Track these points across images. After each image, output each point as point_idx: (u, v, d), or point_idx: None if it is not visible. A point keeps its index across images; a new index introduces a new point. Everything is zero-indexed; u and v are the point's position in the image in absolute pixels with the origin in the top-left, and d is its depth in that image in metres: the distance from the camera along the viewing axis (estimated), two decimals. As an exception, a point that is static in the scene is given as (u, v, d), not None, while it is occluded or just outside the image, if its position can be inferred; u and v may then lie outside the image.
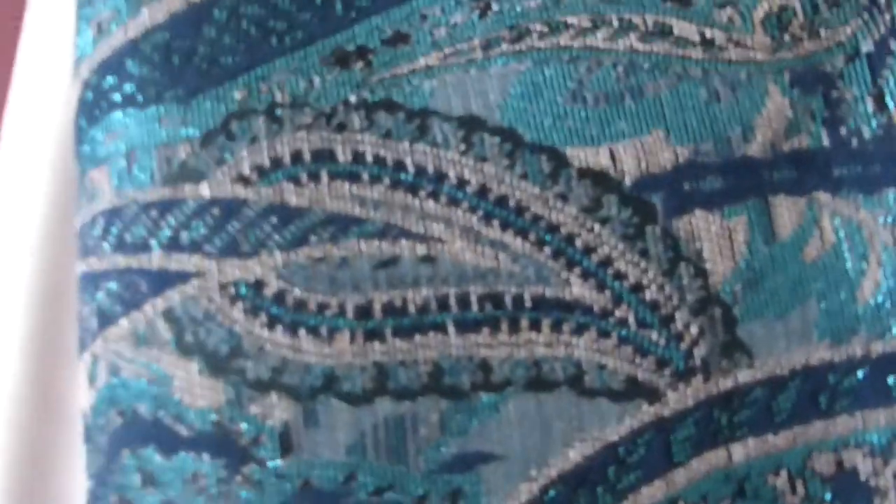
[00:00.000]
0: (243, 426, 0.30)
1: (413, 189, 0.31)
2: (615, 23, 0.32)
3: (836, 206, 0.32)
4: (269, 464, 0.30)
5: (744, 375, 0.30)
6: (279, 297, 0.30)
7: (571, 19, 0.32)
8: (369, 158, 0.31)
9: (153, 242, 0.31)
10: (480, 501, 0.30)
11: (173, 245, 0.31)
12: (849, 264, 0.31)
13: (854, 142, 0.32)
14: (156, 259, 0.31)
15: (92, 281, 0.32)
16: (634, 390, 0.30)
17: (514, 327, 0.30)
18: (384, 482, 0.30)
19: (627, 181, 0.31)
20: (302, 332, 0.30)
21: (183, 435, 0.30)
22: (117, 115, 0.32)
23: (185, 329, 0.30)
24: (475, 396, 0.30)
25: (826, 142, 0.32)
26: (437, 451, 0.30)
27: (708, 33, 0.32)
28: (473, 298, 0.31)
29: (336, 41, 0.32)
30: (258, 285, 0.30)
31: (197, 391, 0.30)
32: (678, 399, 0.30)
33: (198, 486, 0.30)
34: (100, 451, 0.32)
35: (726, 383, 0.30)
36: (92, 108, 0.33)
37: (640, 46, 0.32)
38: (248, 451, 0.30)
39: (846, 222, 0.32)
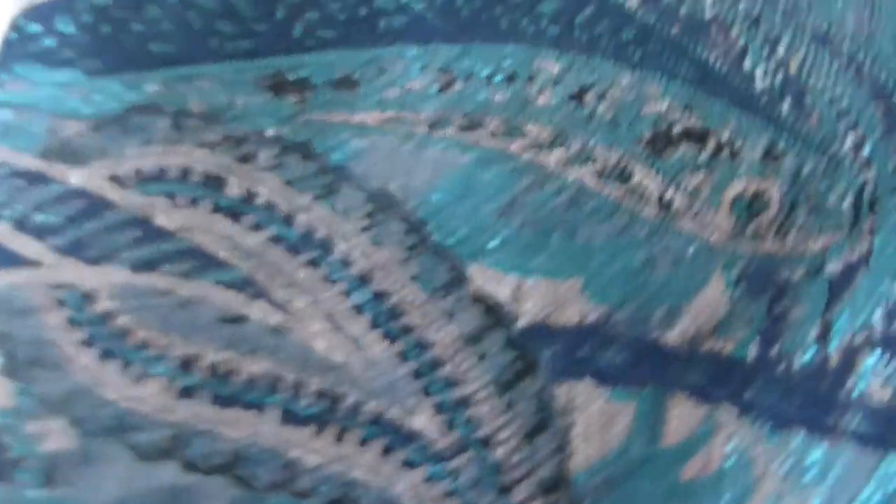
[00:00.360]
0: (14, 442, 0.26)
1: (293, 250, 0.28)
2: (575, 147, 0.29)
3: (736, 429, 0.28)
4: (27, 491, 0.26)
5: None
6: (104, 318, 0.27)
7: (531, 127, 0.29)
8: (260, 201, 0.28)
9: (6, 213, 0.28)
10: None
11: (23, 224, 0.28)
12: (723, 499, 0.28)
13: (782, 366, 0.28)
14: (1, 231, 0.28)
15: None
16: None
17: (341, 438, 0.27)
18: None
19: (521, 322, 0.28)
20: (115, 363, 0.27)
21: None
22: (28, 65, 0.29)
23: (1, 316, 0.27)
24: (270, 497, 0.27)
25: (752, 355, 0.28)
26: None
27: (669, 193, 0.29)
28: (309, 391, 0.27)
29: (279, 64, 0.29)
30: (88, 298, 0.27)
31: None
32: None
33: None
34: None
35: None
36: (9, 49, 0.30)
37: (591, 182, 0.29)
38: (10, 470, 0.26)
39: (740, 451, 0.28)
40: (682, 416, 0.29)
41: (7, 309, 0.28)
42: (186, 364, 0.28)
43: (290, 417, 0.27)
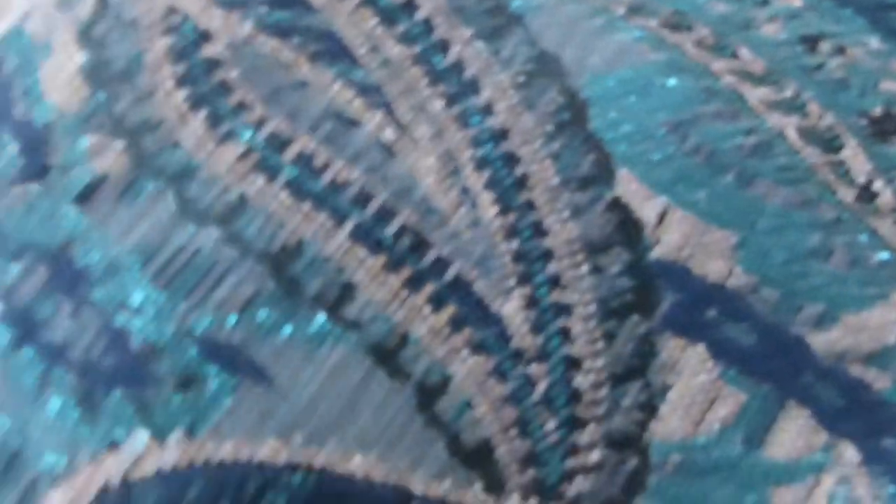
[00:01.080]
0: (66, 147, 0.24)
1: (435, 77, 0.25)
2: (787, 92, 0.25)
3: (853, 476, 0.23)
4: (58, 200, 0.23)
5: None
6: (211, 64, 0.24)
7: (745, 52, 0.25)
8: (420, 15, 0.25)
9: None
10: (210, 413, 0.22)
11: None
12: None
13: None
14: None
15: None
16: (480, 460, 0.22)
17: (414, 285, 0.23)
18: (133, 300, 0.23)
19: (656, 253, 0.23)
20: (204, 112, 0.24)
21: (16, 113, 0.25)
22: None
23: (104, 19, 0.24)
24: (309, 309, 0.23)
25: None
26: (215, 321, 0.23)
27: (877, 184, 0.24)
28: (397, 222, 0.23)
29: None
30: (202, 37, 0.25)
31: (60, 82, 0.25)
32: None
33: None
34: None
35: None
36: None
37: (791, 136, 0.25)
38: (48, 172, 0.23)
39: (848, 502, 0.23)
40: (796, 432, 0.24)
41: (113, 15, 0.25)
42: (277, 141, 0.24)
43: (365, 238, 0.23)
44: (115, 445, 0.22)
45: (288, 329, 0.23)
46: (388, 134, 0.24)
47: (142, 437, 0.22)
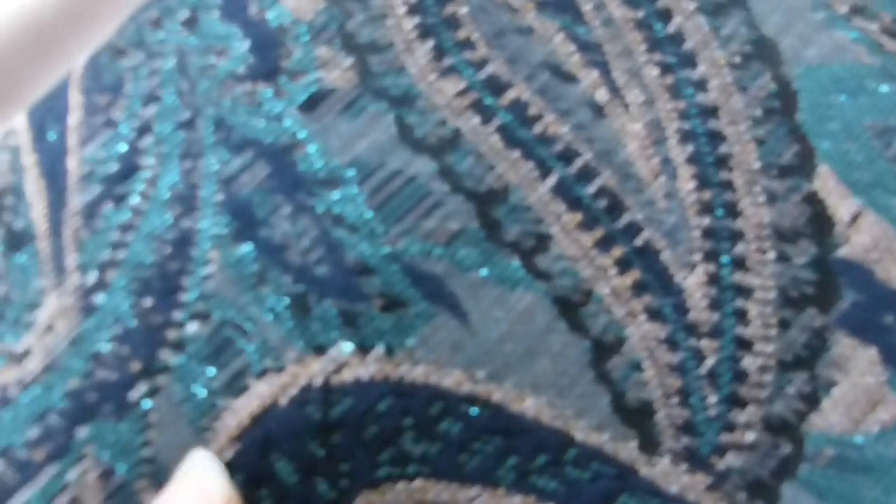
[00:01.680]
0: (297, 53, 0.24)
1: (654, 44, 0.25)
2: None
3: None
4: (285, 103, 0.24)
5: None
6: (466, 43, 0.24)
7: None
8: None
9: None
10: (408, 336, 0.23)
11: None
12: None
13: None
14: None
15: None
16: (640, 420, 0.23)
17: (604, 245, 0.24)
18: (349, 216, 0.24)
19: (843, 252, 0.24)
20: (430, 43, 0.25)
21: (250, 12, 0.25)
22: None
23: None
24: (506, 253, 0.23)
25: None
26: (423, 250, 0.24)
27: None
28: (597, 181, 0.24)
29: None
30: None
31: None
32: (663, 473, 0.23)
33: (210, 61, 0.25)
34: None
35: None
36: None
37: None
38: (278, 75, 0.24)
39: None
40: None
41: None
42: (494, 84, 0.25)
43: (566, 193, 0.24)
44: (320, 350, 0.24)
45: (485, 269, 0.24)
46: (601, 94, 0.25)
47: (346, 347, 0.24)
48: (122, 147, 0.25)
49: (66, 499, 0.23)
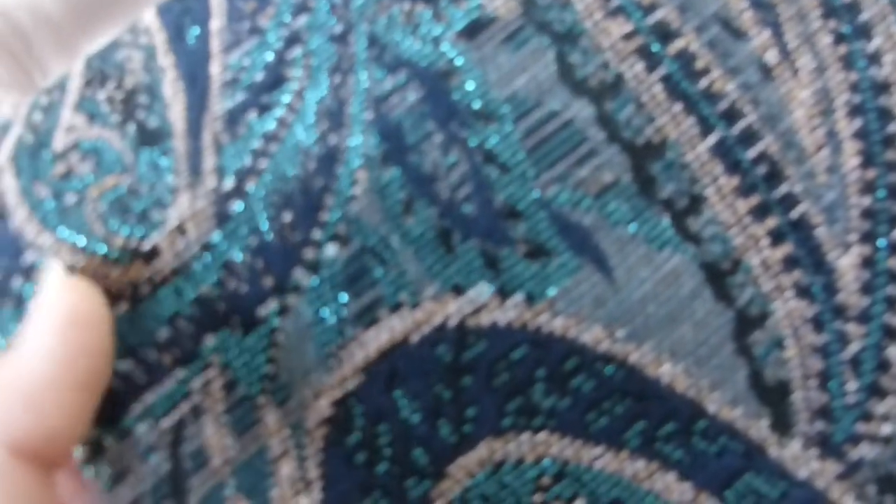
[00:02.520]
0: None
1: (830, 11, 0.24)
2: None
3: None
4: (445, 27, 0.23)
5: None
6: None
7: None
8: None
9: None
10: (550, 285, 0.22)
11: None
12: None
13: None
14: None
15: None
16: (775, 399, 0.22)
17: (759, 214, 0.23)
18: (502, 154, 0.23)
19: None
20: None
21: None
22: None
23: None
24: (657, 211, 0.22)
25: None
26: (573, 199, 0.23)
27: None
28: (759, 146, 0.23)
29: None
30: None
31: None
32: (793, 456, 0.22)
33: None
34: None
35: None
36: None
37: None
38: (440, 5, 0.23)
39: None
40: None
41: None
42: (663, 31, 0.23)
43: (726, 155, 0.23)
44: (459, 290, 0.23)
45: (634, 226, 0.23)
46: (771, 56, 0.24)
47: (486, 290, 0.23)
48: (269, 56, 0.24)
49: (188, 406, 0.23)
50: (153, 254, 0.23)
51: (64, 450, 0.21)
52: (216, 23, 0.25)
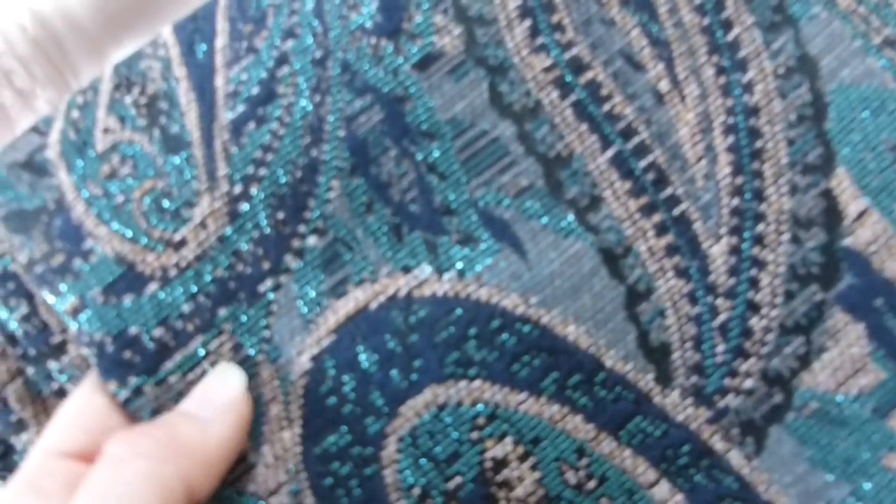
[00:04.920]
0: (418, 18, 0.30)
1: (714, 48, 0.31)
2: None
3: None
4: (402, 60, 0.30)
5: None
6: (557, 26, 0.30)
7: None
8: None
9: None
10: (477, 264, 0.29)
11: None
12: None
13: None
14: None
15: None
16: (659, 357, 0.30)
17: (647, 212, 0.29)
18: (441, 166, 0.31)
19: (847, 241, 0.29)
20: (526, 21, 0.30)
21: None
22: None
23: None
24: (563, 208, 0.29)
25: None
26: (496, 199, 0.30)
27: None
28: (649, 157, 0.30)
29: None
30: None
31: None
32: (672, 404, 0.30)
33: (343, 12, 0.31)
34: None
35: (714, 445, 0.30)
36: None
37: None
38: (400, 35, 0.30)
39: None
40: None
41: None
42: (577, 65, 0.30)
43: (621, 165, 0.30)
44: (407, 269, 0.30)
45: (545, 219, 0.30)
46: (664, 84, 0.30)
47: (427, 269, 0.30)
48: (263, 73, 0.31)
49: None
50: (181, 244, 0.30)
51: None
52: (220, 41, 0.31)
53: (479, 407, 0.30)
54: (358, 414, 0.30)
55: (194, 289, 0.30)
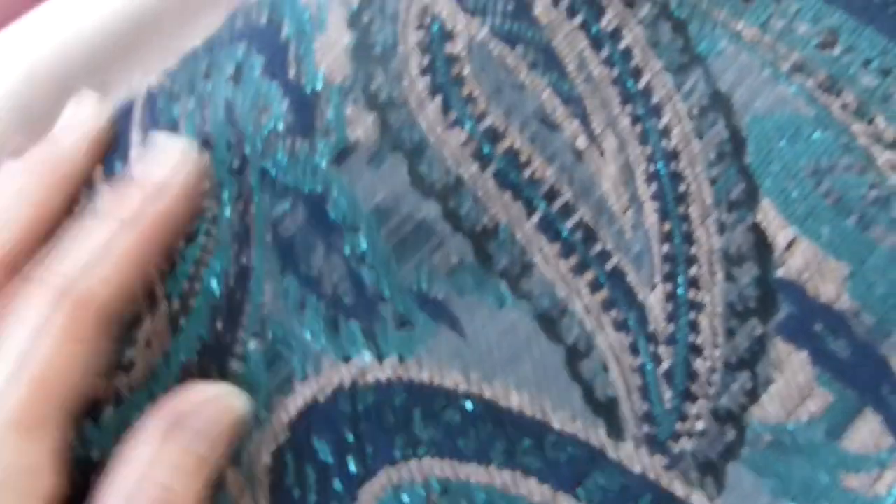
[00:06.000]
0: (329, 113, 0.31)
1: (627, 98, 0.31)
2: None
3: None
4: (319, 158, 0.30)
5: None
6: (452, 60, 0.31)
7: (881, 121, 0.31)
8: (622, 45, 0.31)
9: None
10: (416, 347, 0.30)
11: None
12: None
13: None
14: None
15: None
16: (607, 411, 0.30)
17: (579, 270, 0.30)
18: (370, 256, 0.31)
19: (780, 272, 0.30)
20: (439, 99, 0.31)
21: (289, 73, 0.31)
22: None
23: (370, 9, 0.31)
24: (495, 279, 0.30)
25: None
26: (428, 281, 0.30)
27: None
28: (575, 216, 0.30)
29: None
30: (448, 35, 0.31)
31: (330, 56, 0.32)
32: (627, 456, 0.30)
33: (255, 117, 0.31)
34: (227, 29, 0.33)
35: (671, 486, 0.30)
36: None
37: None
38: (314, 133, 0.31)
39: None
40: (868, 432, 0.30)
41: (378, 6, 0.31)
42: (493, 135, 0.31)
43: (548, 228, 0.31)
44: (348, 359, 0.31)
45: (478, 293, 0.31)
46: (581, 141, 0.31)
47: (367, 357, 0.31)
48: None
49: None
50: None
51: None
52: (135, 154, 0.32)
53: (432, 482, 0.31)
54: (322, 501, 0.31)
55: (149, 407, 0.31)
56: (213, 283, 0.31)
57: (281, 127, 0.32)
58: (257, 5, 0.34)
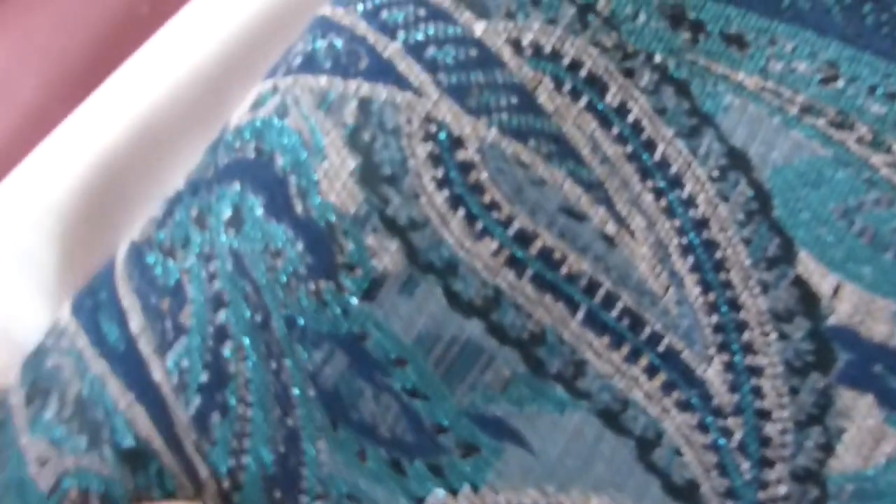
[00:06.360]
0: (350, 247, 0.29)
1: (645, 173, 0.30)
2: None
3: None
4: (348, 297, 0.29)
5: None
6: (465, 167, 0.29)
7: None
8: (630, 118, 0.30)
9: (400, 34, 0.30)
10: (486, 473, 0.29)
11: (414, 50, 0.30)
12: None
13: None
14: (390, 49, 0.30)
15: (324, 26, 0.32)
16: (688, 495, 0.29)
17: (632, 358, 0.29)
18: (422, 388, 0.29)
19: (832, 320, 0.29)
20: (462, 212, 0.29)
21: (296, 211, 0.30)
22: None
23: (368, 126, 0.30)
24: (551, 384, 0.29)
25: None
26: (484, 400, 0.29)
27: None
28: (618, 305, 0.29)
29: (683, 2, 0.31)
30: (456, 143, 0.29)
31: (337, 185, 0.30)
32: None
33: (268, 264, 0.30)
34: (211, 167, 0.32)
35: None
36: None
37: None
38: (337, 271, 0.29)
39: None
40: None
41: (376, 122, 0.30)
42: (523, 238, 0.30)
43: (594, 322, 0.30)
44: (420, 500, 0.30)
45: (536, 402, 0.30)
46: (610, 227, 0.30)
47: (440, 494, 0.30)
48: (205, 355, 0.30)
49: None
50: None
51: None
52: (135, 323, 0.31)
53: None
54: None
55: None
56: (262, 454, 0.30)
57: (301, 269, 0.30)
58: (237, 134, 0.33)
